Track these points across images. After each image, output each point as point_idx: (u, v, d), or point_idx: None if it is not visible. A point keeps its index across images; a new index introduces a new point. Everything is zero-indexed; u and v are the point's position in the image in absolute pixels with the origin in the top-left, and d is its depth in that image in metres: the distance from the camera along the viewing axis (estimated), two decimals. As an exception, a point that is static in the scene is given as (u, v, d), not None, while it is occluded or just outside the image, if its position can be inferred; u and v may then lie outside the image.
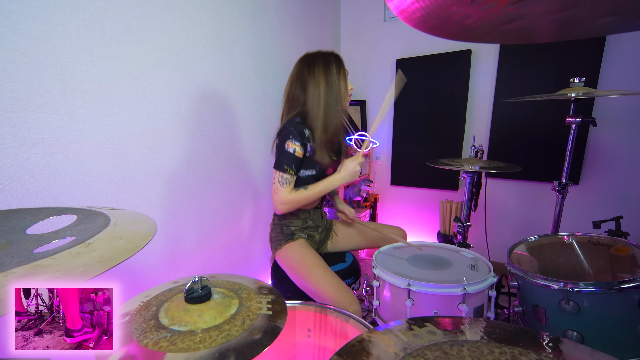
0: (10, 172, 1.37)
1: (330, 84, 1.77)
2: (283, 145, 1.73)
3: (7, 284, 0.51)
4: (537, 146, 3.11)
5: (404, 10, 0.89)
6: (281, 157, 1.74)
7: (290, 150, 1.72)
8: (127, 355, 0.80)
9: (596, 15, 0.85)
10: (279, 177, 1.75)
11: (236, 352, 0.80)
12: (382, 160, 4.02)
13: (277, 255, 1.93)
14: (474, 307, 1.46)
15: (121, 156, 1.77)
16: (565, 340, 0.80)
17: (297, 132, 1.73)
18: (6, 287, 0.51)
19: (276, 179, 1.76)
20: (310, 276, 1.74)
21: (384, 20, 3.74)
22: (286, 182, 1.75)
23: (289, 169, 1.73)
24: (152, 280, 1.96)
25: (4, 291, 0.51)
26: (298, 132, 1.74)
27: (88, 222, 0.77)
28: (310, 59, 1.83)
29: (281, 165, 1.74)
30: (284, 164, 1.73)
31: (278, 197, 1.77)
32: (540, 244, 1.84)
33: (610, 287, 1.31)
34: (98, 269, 0.56)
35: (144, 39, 1.82)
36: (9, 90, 1.34)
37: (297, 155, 1.74)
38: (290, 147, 1.72)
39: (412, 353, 0.73)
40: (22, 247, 0.64)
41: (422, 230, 3.93)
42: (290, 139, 1.73)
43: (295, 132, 1.73)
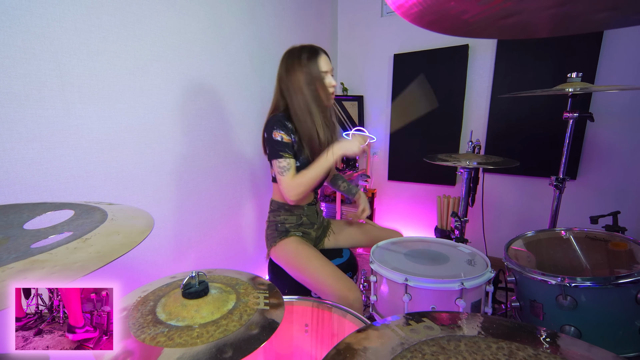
0: (8, 167, 1.37)
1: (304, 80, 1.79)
2: (271, 136, 1.76)
3: (5, 278, 0.51)
4: (534, 141, 3.11)
5: (402, 5, 0.89)
6: (274, 146, 1.76)
7: (278, 138, 1.74)
8: (124, 350, 0.80)
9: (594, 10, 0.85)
10: (277, 167, 1.76)
11: (233, 347, 0.80)
12: (380, 156, 4.02)
13: (273, 253, 1.93)
14: (471, 302, 1.46)
15: (118, 151, 1.77)
16: (562, 336, 0.80)
17: (280, 123, 1.76)
18: (4, 282, 0.51)
19: (276, 170, 1.77)
20: (307, 268, 1.74)
21: (382, 15, 3.73)
22: (286, 170, 1.75)
23: (285, 154, 1.74)
24: (149, 275, 1.96)
25: (2, 286, 0.51)
26: (281, 123, 1.77)
27: (85, 217, 0.77)
28: (287, 54, 1.86)
29: (276, 153, 1.75)
30: (278, 151, 1.74)
31: (284, 187, 1.77)
32: (538, 239, 1.85)
33: (608, 282, 1.31)
34: (95, 264, 0.56)
35: (141, 34, 1.82)
36: (6, 86, 1.34)
37: (286, 142, 1.76)
38: (277, 135, 1.74)
39: (409, 348, 0.74)
40: (19, 242, 0.64)
41: (419, 226, 3.93)
42: (275, 129, 1.75)
43: (279, 122, 1.76)
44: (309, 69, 1.78)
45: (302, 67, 1.78)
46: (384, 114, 3.90)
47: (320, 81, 1.81)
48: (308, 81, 1.78)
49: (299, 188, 1.77)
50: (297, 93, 1.78)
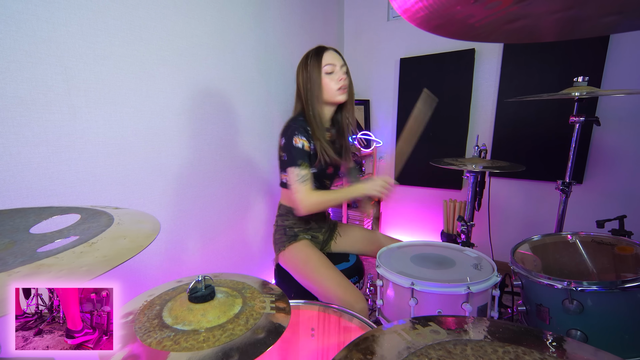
0: (14, 171, 1.38)
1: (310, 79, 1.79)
2: (291, 142, 1.73)
3: (10, 283, 0.52)
4: (540, 145, 3.10)
5: (408, 10, 0.89)
6: (293, 152, 1.73)
7: (299, 145, 1.72)
8: (130, 354, 0.80)
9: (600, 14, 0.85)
10: (296, 175, 1.72)
11: (240, 351, 0.80)
12: (386, 160, 4.02)
13: (281, 257, 1.92)
14: (477, 307, 1.46)
15: (125, 155, 1.77)
16: (569, 340, 0.80)
17: (301, 128, 1.75)
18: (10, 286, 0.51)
19: (293, 178, 1.73)
20: (316, 276, 1.74)
21: (388, 20, 3.74)
22: (304, 179, 1.72)
23: (303, 163, 1.72)
24: (155, 279, 1.97)
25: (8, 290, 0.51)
26: (302, 127, 1.75)
27: (92, 222, 0.78)
28: (303, 56, 1.86)
29: (294, 161, 1.72)
30: (297, 158, 1.72)
31: (300, 198, 1.73)
32: (544, 243, 1.84)
33: (614, 287, 1.30)
34: (102, 268, 0.56)
35: (147, 38, 1.82)
36: (12, 90, 1.35)
37: (306, 150, 1.74)
38: (298, 142, 1.72)
39: (415, 352, 0.73)
40: (25, 246, 0.64)
41: (425, 230, 3.92)
42: (296, 134, 1.73)
43: (300, 127, 1.75)
44: (312, 66, 1.79)
45: (307, 66, 1.79)
46: (390, 117, 3.89)
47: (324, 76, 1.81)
48: (313, 79, 1.78)
49: (313, 206, 1.74)
50: (307, 94, 1.79)
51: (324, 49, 1.81)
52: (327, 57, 1.79)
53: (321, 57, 1.79)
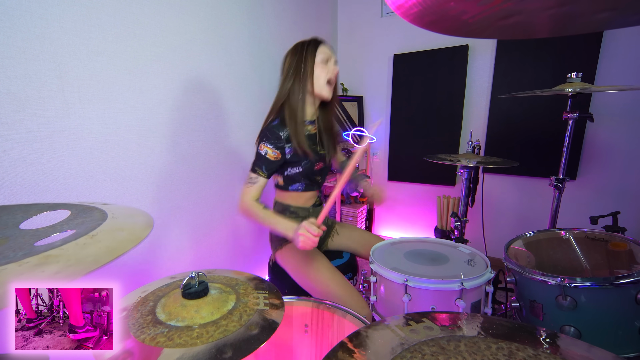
0: (8, 167, 1.37)
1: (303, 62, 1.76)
2: (257, 148, 1.75)
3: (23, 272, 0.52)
4: (534, 141, 3.11)
5: (401, 6, 0.89)
6: (255, 158, 1.75)
7: (262, 152, 1.73)
8: (124, 350, 0.80)
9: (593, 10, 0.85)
10: (248, 177, 1.75)
11: (233, 347, 0.80)
12: (379, 156, 4.03)
13: (279, 255, 1.91)
14: (471, 303, 1.46)
15: (118, 151, 1.77)
16: (562, 336, 0.80)
17: (272, 136, 1.73)
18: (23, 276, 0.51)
19: (246, 179, 1.76)
20: (317, 277, 1.72)
21: (381, 16, 3.74)
22: (251, 182, 1.74)
23: (259, 170, 1.73)
24: (149, 275, 1.97)
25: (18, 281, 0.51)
26: (274, 135, 1.73)
27: (84, 217, 0.77)
28: (289, 51, 1.84)
29: (253, 165, 1.75)
30: (255, 165, 1.74)
31: (240, 198, 1.75)
32: (538, 239, 1.84)
33: (608, 283, 1.31)
34: (106, 258, 0.57)
35: (141, 35, 1.82)
36: (6, 86, 1.34)
37: (269, 158, 1.73)
38: (263, 149, 1.73)
39: (409, 348, 0.74)
40: (20, 241, 0.64)
41: (419, 226, 3.93)
42: (264, 141, 1.73)
43: (270, 135, 1.74)
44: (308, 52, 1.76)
45: (302, 52, 1.77)
46: (385, 114, 3.89)
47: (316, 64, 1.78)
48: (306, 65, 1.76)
49: (245, 212, 1.75)
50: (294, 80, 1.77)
51: (322, 41, 1.80)
52: (323, 49, 1.78)
53: (318, 47, 1.78)
